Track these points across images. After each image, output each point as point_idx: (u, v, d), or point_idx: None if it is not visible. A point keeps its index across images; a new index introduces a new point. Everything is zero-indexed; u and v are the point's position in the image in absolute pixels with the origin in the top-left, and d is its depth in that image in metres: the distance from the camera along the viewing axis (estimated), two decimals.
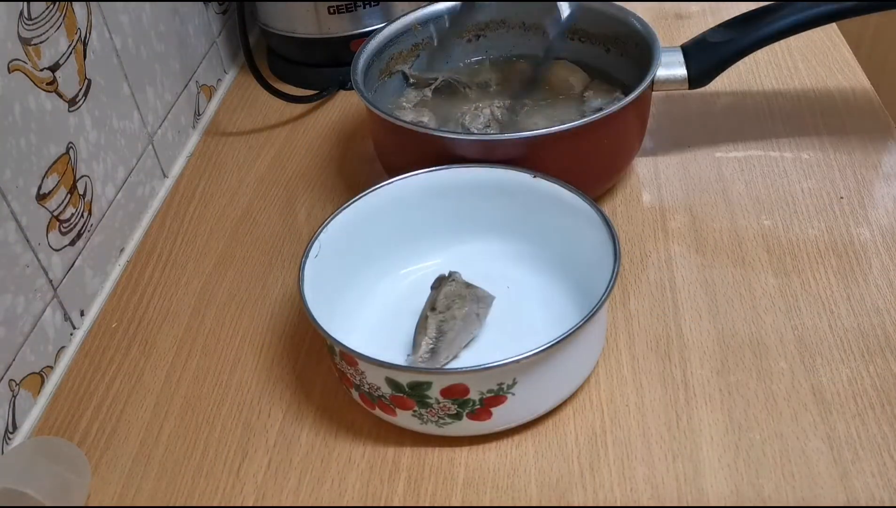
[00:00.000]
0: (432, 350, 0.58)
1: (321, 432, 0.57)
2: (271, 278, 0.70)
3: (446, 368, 0.54)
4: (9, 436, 0.58)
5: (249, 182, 0.81)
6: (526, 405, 0.54)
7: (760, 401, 0.56)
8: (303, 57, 0.93)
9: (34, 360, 0.61)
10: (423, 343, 0.58)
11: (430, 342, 0.58)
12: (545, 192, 0.62)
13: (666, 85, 0.70)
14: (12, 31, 0.59)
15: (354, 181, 0.79)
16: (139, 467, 0.57)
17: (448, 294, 0.60)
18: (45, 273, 0.62)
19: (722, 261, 0.66)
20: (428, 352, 0.58)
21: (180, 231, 0.76)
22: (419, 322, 0.60)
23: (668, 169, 0.76)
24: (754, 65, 0.70)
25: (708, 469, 0.52)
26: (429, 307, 0.60)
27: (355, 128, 0.86)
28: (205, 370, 0.63)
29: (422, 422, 0.54)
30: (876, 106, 0.80)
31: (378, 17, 0.89)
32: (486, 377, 0.51)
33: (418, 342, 0.59)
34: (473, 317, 0.60)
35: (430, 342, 0.58)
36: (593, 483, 0.52)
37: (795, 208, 0.70)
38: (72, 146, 0.65)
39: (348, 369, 0.54)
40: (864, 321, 0.60)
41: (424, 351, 0.58)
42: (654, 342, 0.60)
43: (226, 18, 0.96)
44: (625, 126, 0.69)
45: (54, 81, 0.63)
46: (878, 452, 0.52)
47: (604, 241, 0.57)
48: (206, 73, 0.91)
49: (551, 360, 0.52)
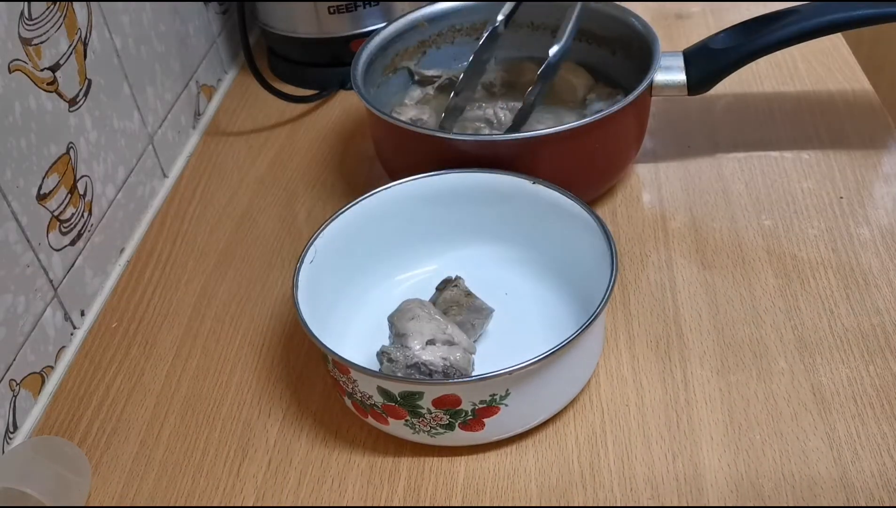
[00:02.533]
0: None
1: (321, 432, 0.58)
2: (271, 278, 0.70)
3: (438, 377, 0.54)
4: (9, 436, 0.58)
5: (249, 182, 0.81)
6: (519, 416, 0.53)
7: (760, 401, 0.56)
8: (303, 57, 0.93)
9: (34, 360, 0.61)
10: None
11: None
12: (543, 198, 0.62)
13: (665, 90, 0.70)
14: (13, 31, 0.59)
15: (354, 181, 0.79)
16: (139, 467, 0.57)
17: (448, 299, 0.59)
18: (46, 273, 0.62)
19: (722, 261, 0.66)
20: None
21: (180, 231, 0.76)
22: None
23: (668, 169, 0.76)
24: (754, 65, 0.69)
25: (708, 469, 0.52)
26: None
27: (355, 128, 0.86)
28: (205, 370, 0.63)
29: (414, 432, 0.54)
30: (876, 106, 0.80)
31: (378, 17, 0.89)
32: (479, 387, 0.51)
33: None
34: (468, 326, 0.59)
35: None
36: (593, 483, 0.52)
37: (795, 208, 0.70)
38: (72, 146, 0.65)
39: (341, 377, 0.54)
40: (864, 321, 0.60)
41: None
42: (654, 342, 0.60)
43: (226, 18, 0.96)
44: (624, 128, 0.69)
45: (55, 81, 0.63)
46: (878, 452, 0.52)
47: (602, 249, 0.57)
48: (206, 73, 0.91)
49: (545, 371, 0.52)
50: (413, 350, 0.54)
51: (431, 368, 0.53)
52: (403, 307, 0.57)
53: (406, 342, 0.54)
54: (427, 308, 0.57)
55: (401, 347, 0.54)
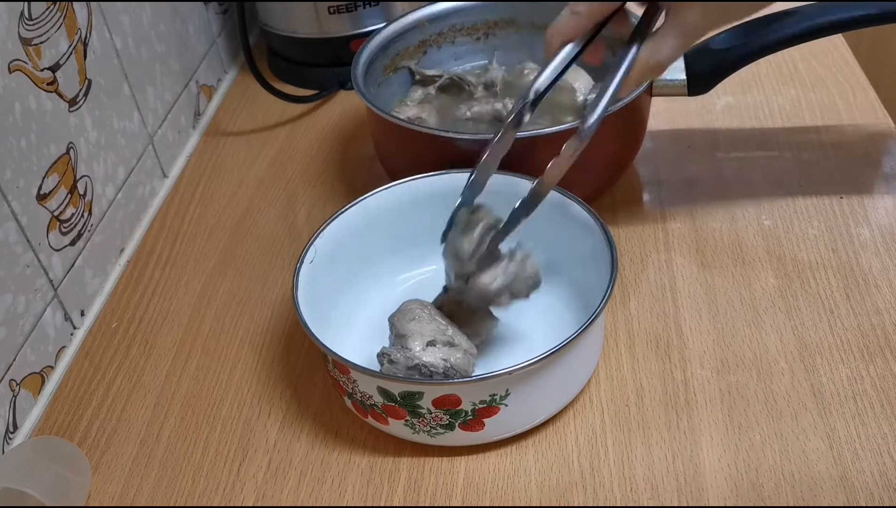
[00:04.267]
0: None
1: (321, 432, 0.57)
2: (271, 278, 0.70)
3: (439, 379, 0.54)
4: (9, 436, 0.58)
5: (249, 182, 0.81)
6: (519, 415, 0.54)
7: (760, 401, 0.56)
8: (303, 57, 0.93)
9: (34, 360, 0.61)
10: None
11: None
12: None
13: (666, 89, 0.70)
14: (13, 31, 0.59)
15: (354, 181, 0.79)
16: (139, 467, 0.57)
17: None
18: (46, 273, 0.62)
19: (722, 261, 0.66)
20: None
21: (180, 231, 0.76)
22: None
23: (669, 169, 0.76)
24: (754, 65, 0.69)
25: (708, 469, 0.52)
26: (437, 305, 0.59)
27: (355, 128, 0.86)
28: (205, 370, 0.63)
29: (414, 432, 0.54)
30: (876, 106, 0.80)
31: (378, 17, 0.89)
32: (479, 387, 0.51)
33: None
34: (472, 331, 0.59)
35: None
36: (593, 483, 0.52)
37: (795, 207, 0.70)
38: (72, 146, 0.65)
39: (341, 377, 0.54)
40: (864, 321, 0.60)
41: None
42: (654, 342, 0.60)
43: (226, 18, 0.96)
44: (624, 128, 0.69)
45: (55, 81, 0.63)
46: (878, 452, 0.52)
47: (602, 249, 0.57)
48: (206, 73, 0.91)
49: (545, 371, 0.52)
50: (413, 352, 0.54)
51: (432, 369, 0.53)
52: (404, 308, 0.57)
53: (406, 344, 0.54)
54: (428, 309, 0.57)
55: (401, 348, 0.54)
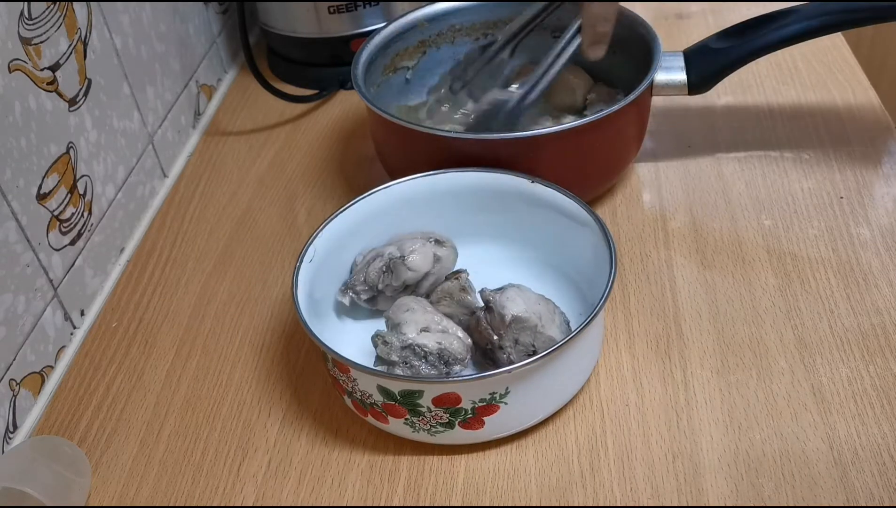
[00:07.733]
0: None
1: (321, 431, 0.58)
2: (271, 278, 0.70)
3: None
4: (9, 436, 0.58)
5: (249, 182, 0.81)
6: (519, 414, 0.54)
7: (760, 401, 0.56)
8: (303, 57, 0.93)
9: (34, 359, 0.61)
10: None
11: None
12: (543, 196, 0.62)
13: (666, 90, 0.70)
14: (13, 30, 0.59)
15: (354, 181, 0.79)
16: (139, 467, 0.57)
17: (445, 289, 0.60)
18: (46, 273, 0.62)
19: (722, 261, 0.66)
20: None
21: (180, 231, 0.76)
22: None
23: (669, 169, 0.76)
24: (754, 65, 0.69)
25: (708, 469, 0.52)
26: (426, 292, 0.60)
27: (355, 128, 0.86)
28: (205, 369, 0.63)
29: (413, 430, 0.54)
30: (876, 106, 0.80)
31: (378, 17, 0.89)
32: (479, 386, 0.51)
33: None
34: (456, 320, 0.59)
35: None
36: (593, 483, 0.52)
37: (795, 208, 0.70)
38: (72, 146, 0.65)
39: (341, 376, 0.54)
40: (864, 321, 0.60)
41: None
42: (654, 342, 0.60)
43: (226, 18, 0.96)
44: (624, 127, 0.69)
45: (55, 80, 0.63)
46: (878, 452, 0.52)
47: (602, 248, 0.57)
48: (206, 72, 0.91)
49: (544, 370, 0.52)
50: (408, 335, 0.54)
51: (426, 349, 0.54)
52: (399, 302, 0.58)
53: (401, 329, 0.55)
54: (422, 303, 0.57)
55: (396, 332, 0.55)
